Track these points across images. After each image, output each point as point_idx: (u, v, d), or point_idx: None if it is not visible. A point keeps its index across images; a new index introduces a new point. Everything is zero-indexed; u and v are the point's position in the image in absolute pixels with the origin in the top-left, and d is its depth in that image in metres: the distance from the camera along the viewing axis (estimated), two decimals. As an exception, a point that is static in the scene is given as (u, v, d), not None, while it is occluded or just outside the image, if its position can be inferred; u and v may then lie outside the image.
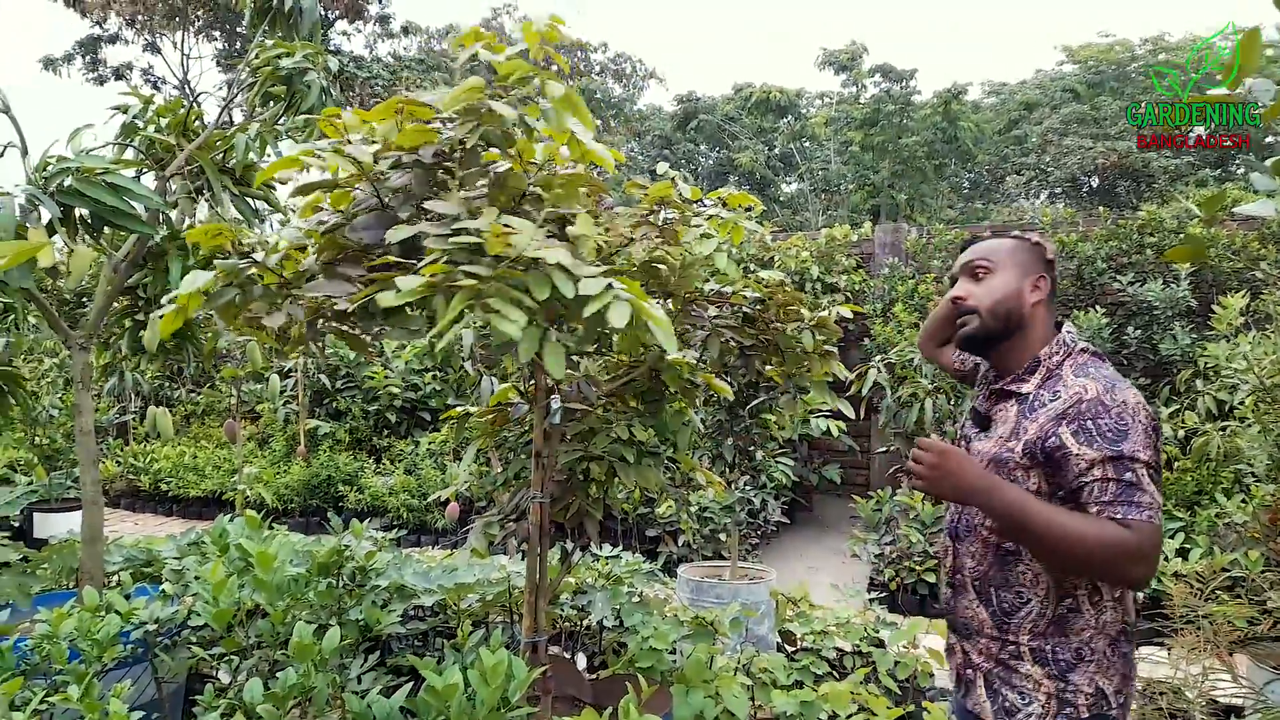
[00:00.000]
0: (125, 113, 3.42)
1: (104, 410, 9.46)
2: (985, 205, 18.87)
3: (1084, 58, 19.36)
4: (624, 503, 6.02)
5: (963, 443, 1.73)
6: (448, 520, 6.59)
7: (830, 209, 19.51)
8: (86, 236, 2.90)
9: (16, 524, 6.58)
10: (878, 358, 5.80)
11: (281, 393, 8.52)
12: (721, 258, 2.15)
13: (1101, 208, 7.72)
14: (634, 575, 3.53)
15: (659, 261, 2.12)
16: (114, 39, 19.39)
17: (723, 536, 5.91)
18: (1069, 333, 1.64)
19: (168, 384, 10.14)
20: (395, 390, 8.40)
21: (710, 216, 2.30)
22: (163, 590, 2.68)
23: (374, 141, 1.71)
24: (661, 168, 2.26)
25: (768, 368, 2.37)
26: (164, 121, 3.43)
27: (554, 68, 1.68)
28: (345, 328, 1.81)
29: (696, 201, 2.29)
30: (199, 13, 18.01)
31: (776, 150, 20.85)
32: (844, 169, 18.96)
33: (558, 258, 1.35)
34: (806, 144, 20.55)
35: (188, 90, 18.52)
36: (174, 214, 3.36)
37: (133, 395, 9.05)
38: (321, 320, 1.78)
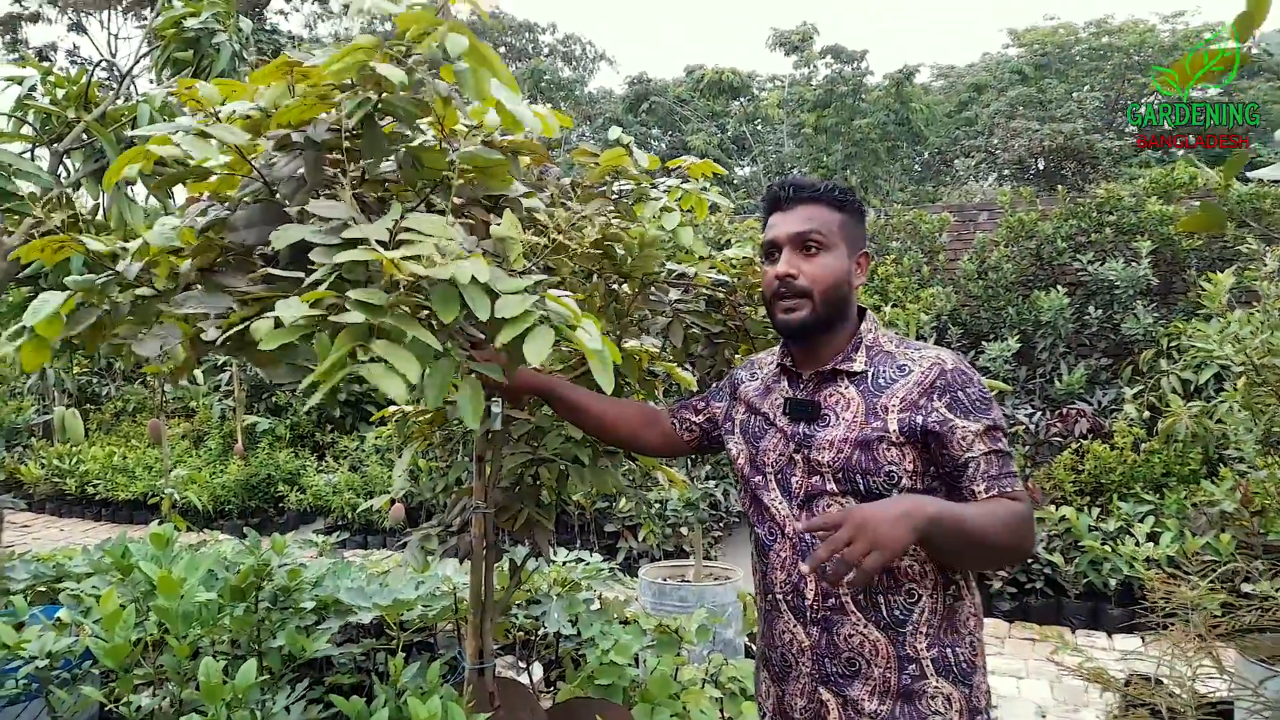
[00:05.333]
0: (21, 84, 3.08)
1: (26, 409, 8.92)
2: (935, 188, 18.90)
3: (1029, 41, 19.44)
4: (583, 498, 5.81)
5: (794, 440, 1.42)
6: (393, 521, 6.29)
7: (784, 192, 19.31)
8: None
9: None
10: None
11: (217, 388, 8.10)
12: (686, 234, 1.91)
13: (1060, 186, 7.66)
14: (592, 579, 3.30)
15: (613, 240, 1.87)
16: (35, 17, 18.35)
17: (685, 531, 5.71)
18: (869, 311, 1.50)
19: (96, 380, 9.61)
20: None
21: (670, 189, 2.06)
22: (58, 619, 2.37)
23: (254, 115, 1.40)
24: (614, 132, 2.01)
25: (737, 356, 2.14)
26: (61, 94, 3.08)
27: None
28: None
29: (654, 173, 2.05)
30: (124, -11, 17.15)
31: (729, 133, 20.62)
32: (797, 151, 18.81)
33: (472, 273, 1.09)
34: (759, 126, 20.38)
35: (115, 71, 17.68)
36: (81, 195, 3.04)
37: (56, 393, 8.53)
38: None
